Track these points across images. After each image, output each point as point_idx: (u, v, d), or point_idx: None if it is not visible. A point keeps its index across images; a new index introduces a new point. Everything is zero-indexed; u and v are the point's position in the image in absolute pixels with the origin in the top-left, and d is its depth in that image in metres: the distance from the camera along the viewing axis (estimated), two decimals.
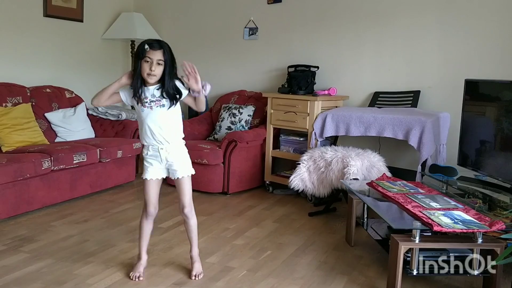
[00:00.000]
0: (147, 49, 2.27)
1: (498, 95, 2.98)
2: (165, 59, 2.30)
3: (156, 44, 2.29)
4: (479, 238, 2.31)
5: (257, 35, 4.85)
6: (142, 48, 2.29)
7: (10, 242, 2.98)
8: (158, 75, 2.30)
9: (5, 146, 3.75)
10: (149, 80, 2.31)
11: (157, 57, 2.27)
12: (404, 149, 4.02)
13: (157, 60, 2.27)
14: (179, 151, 2.48)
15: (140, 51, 2.30)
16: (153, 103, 2.35)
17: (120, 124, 4.65)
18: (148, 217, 2.55)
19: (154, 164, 2.45)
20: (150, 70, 2.27)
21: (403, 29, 4.10)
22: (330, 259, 2.89)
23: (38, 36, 4.59)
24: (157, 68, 2.28)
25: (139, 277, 2.51)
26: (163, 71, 2.31)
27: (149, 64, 2.27)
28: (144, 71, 2.29)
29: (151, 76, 2.29)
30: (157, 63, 2.28)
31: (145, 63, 2.28)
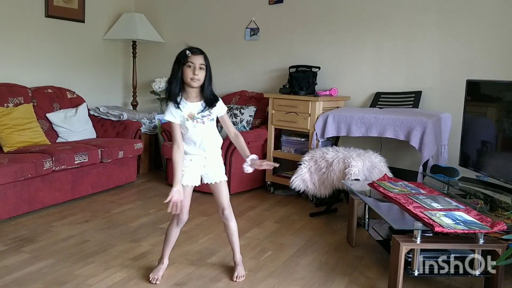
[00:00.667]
0: (188, 54, 2.30)
1: (500, 95, 2.97)
2: (206, 64, 2.33)
3: (197, 49, 2.33)
4: (480, 239, 2.31)
5: (258, 35, 4.85)
6: (183, 54, 2.31)
7: (11, 242, 2.98)
8: (202, 79, 2.32)
9: (7, 146, 3.75)
10: (192, 84, 2.32)
11: (199, 61, 2.30)
12: (405, 150, 4.01)
13: (199, 64, 2.30)
14: (218, 157, 2.51)
15: (181, 57, 2.32)
16: (205, 118, 2.38)
17: (122, 125, 4.65)
18: (179, 223, 2.52)
19: (193, 170, 2.45)
20: (193, 75, 2.29)
21: (404, 29, 4.09)
22: (331, 259, 2.89)
23: (40, 37, 4.60)
24: (200, 73, 2.30)
25: (157, 280, 2.51)
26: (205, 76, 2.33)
27: (192, 69, 2.29)
28: (187, 76, 2.31)
29: (195, 80, 2.31)
30: (199, 68, 2.30)
31: (188, 68, 2.30)
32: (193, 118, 2.37)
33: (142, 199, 4.08)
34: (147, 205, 3.89)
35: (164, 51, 5.48)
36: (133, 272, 2.61)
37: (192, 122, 2.37)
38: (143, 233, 3.22)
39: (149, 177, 4.85)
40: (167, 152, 4.40)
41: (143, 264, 2.72)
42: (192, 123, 2.37)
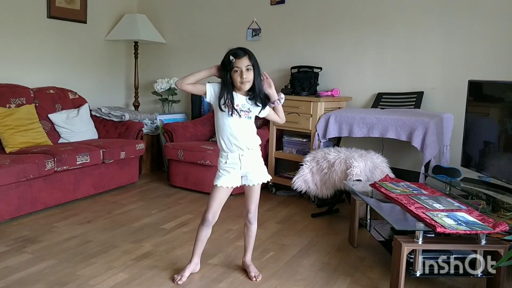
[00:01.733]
0: (232, 60, 2.28)
1: (502, 96, 2.97)
2: (252, 64, 2.30)
3: (240, 51, 2.30)
4: (482, 240, 2.30)
5: (260, 36, 4.85)
6: (227, 60, 2.29)
7: (13, 243, 2.99)
8: (251, 80, 2.30)
9: (9, 147, 3.76)
10: (243, 88, 2.30)
11: (244, 64, 2.28)
12: (407, 150, 4.01)
13: (245, 66, 2.28)
14: (258, 157, 2.48)
15: (226, 63, 2.30)
16: (242, 113, 2.35)
17: (123, 125, 4.65)
18: (205, 223, 2.49)
19: (231, 172, 2.42)
20: (241, 79, 2.27)
21: (406, 30, 4.09)
22: (333, 260, 2.89)
23: (42, 37, 4.61)
24: (248, 74, 2.28)
25: (179, 280, 2.49)
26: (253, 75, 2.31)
27: (239, 73, 2.28)
28: (236, 81, 2.29)
29: (245, 83, 2.29)
30: (246, 70, 2.28)
31: (235, 73, 2.29)
32: (232, 108, 2.32)
33: (144, 199, 4.08)
34: (149, 205, 3.90)
35: (166, 51, 5.49)
36: (135, 273, 2.61)
37: (229, 112, 2.33)
38: (145, 234, 3.23)
39: (151, 178, 4.85)
40: (169, 152, 4.40)
41: (145, 264, 2.72)
42: (228, 113, 2.33)
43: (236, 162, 2.40)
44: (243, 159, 2.40)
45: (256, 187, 2.48)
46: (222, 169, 2.43)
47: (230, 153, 2.39)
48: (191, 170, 4.29)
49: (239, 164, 2.40)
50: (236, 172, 2.42)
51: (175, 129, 4.60)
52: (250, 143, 2.41)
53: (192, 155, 4.21)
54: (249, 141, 2.41)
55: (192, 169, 4.27)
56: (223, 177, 2.42)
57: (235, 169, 2.41)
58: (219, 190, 2.43)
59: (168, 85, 5.17)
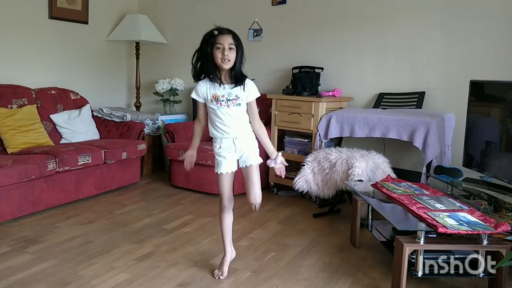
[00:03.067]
0: (216, 33, 2.25)
1: (504, 96, 2.96)
2: (236, 45, 2.28)
3: (224, 29, 2.28)
4: (484, 240, 2.30)
5: (261, 36, 4.85)
6: (210, 34, 2.26)
7: (14, 243, 2.99)
8: (232, 59, 2.28)
9: (10, 147, 3.76)
10: (224, 66, 2.28)
11: (228, 41, 2.26)
12: (408, 151, 4.01)
13: (228, 44, 2.25)
14: (251, 140, 2.47)
15: (208, 38, 2.27)
16: (230, 102, 2.35)
17: (125, 126, 4.66)
18: (224, 210, 2.54)
19: (227, 157, 2.44)
20: (223, 55, 2.25)
21: (407, 29, 4.09)
22: (334, 260, 2.88)
23: (43, 38, 4.61)
24: (230, 53, 2.26)
25: (220, 276, 2.53)
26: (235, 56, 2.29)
27: (221, 50, 2.25)
28: (217, 58, 2.26)
29: (225, 62, 2.26)
30: (229, 48, 2.26)
31: (217, 50, 2.26)
32: (218, 100, 2.34)
33: (146, 200, 4.08)
34: (150, 206, 3.90)
35: (167, 52, 5.50)
36: (136, 273, 2.61)
37: (216, 104, 2.34)
38: (146, 234, 3.23)
39: (152, 178, 4.85)
40: (170, 153, 4.40)
41: (146, 265, 2.73)
42: (215, 105, 2.35)
43: (231, 145, 2.42)
44: (237, 142, 2.42)
45: (254, 168, 2.46)
46: (218, 155, 2.45)
47: (223, 138, 2.41)
48: (192, 170, 4.22)
49: (234, 148, 2.42)
50: (232, 156, 2.44)
51: (176, 129, 4.60)
52: (243, 129, 2.42)
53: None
54: (242, 128, 2.42)
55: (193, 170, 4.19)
56: (222, 164, 2.43)
57: (230, 153, 2.43)
58: (224, 177, 2.45)
59: (170, 86, 5.18)
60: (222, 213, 2.55)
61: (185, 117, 5.37)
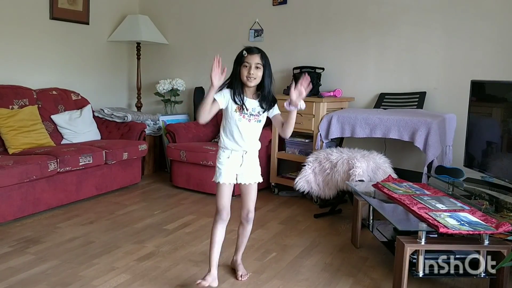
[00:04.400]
0: (245, 54, 2.31)
1: (505, 96, 2.96)
2: (263, 64, 2.32)
3: (254, 48, 2.34)
4: (485, 240, 2.29)
5: (262, 36, 4.85)
6: (240, 55, 2.33)
7: (16, 243, 2.99)
8: (258, 78, 2.32)
9: (12, 148, 3.77)
10: (248, 83, 2.32)
11: (255, 61, 2.30)
12: (410, 151, 4.00)
13: (255, 63, 2.30)
14: (255, 157, 2.49)
15: (238, 58, 2.34)
16: (252, 117, 2.37)
17: (126, 126, 4.66)
18: (221, 223, 2.45)
19: (230, 169, 2.42)
20: (248, 74, 2.29)
21: (408, 30, 4.08)
22: (335, 261, 2.88)
23: (44, 39, 4.62)
24: (255, 71, 2.30)
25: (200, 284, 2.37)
26: (262, 75, 2.33)
27: (248, 69, 2.30)
28: (243, 75, 2.31)
29: (250, 79, 2.31)
30: (255, 67, 2.30)
31: (244, 68, 2.31)
32: (242, 112, 2.35)
33: (147, 200, 4.08)
34: (151, 206, 3.90)
35: (168, 52, 5.50)
36: (137, 273, 2.61)
37: (239, 115, 2.35)
38: (147, 234, 3.23)
39: (153, 179, 4.85)
40: (171, 153, 4.40)
41: (147, 265, 2.73)
42: (238, 116, 2.35)
43: (238, 159, 2.41)
44: (246, 156, 2.42)
45: (254, 186, 2.49)
46: (222, 164, 2.42)
47: (234, 150, 2.41)
48: (193, 170, 4.29)
49: (241, 162, 2.41)
50: (234, 169, 2.43)
51: (177, 130, 4.60)
52: (254, 146, 2.45)
53: (194, 155, 4.21)
54: (254, 144, 2.44)
55: (194, 170, 4.27)
56: (223, 174, 2.41)
57: (234, 166, 2.42)
58: (223, 187, 2.43)
59: (171, 86, 5.18)
60: (218, 225, 2.45)
61: (186, 118, 5.37)
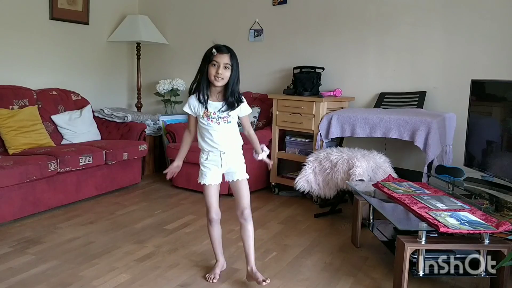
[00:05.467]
0: (214, 53, 2.30)
1: (505, 95, 2.96)
2: (231, 64, 2.32)
3: (223, 48, 2.32)
4: (486, 239, 2.29)
5: (262, 36, 4.85)
6: (209, 52, 2.32)
7: (16, 244, 2.99)
8: (226, 78, 2.32)
9: (12, 148, 3.77)
10: (215, 83, 2.32)
11: (224, 60, 2.29)
12: (410, 150, 4.00)
13: (224, 63, 2.29)
14: (238, 155, 2.50)
15: (207, 55, 2.32)
16: (220, 119, 2.38)
17: (126, 126, 4.66)
18: (212, 223, 2.53)
19: (212, 169, 2.45)
20: (216, 73, 2.29)
21: (408, 29, 4.08)
22: (335, 260, 2.88)
23: (44, 39, 4.61)
24: (224, 71, 2.30)
25: (213, 279, 2.53)
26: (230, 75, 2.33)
27: (216, 68, 2.29)
28: (210, 74, 2.31)
29: (218, 79, 2.30)
30: (224, 67, 2.30)
31: (212, 67, 2.30)
32: (209, 117, 2.36)
33: (147, 200, 4.08)
34: (151, 206, 3.90)
35: (168, 52, 5.50)
36: (137, 274, 2.61)
37: (207, 120, 2.37)
38: (147, 235, 3.23)
39: (153, 179, 4.85)
40: (171, 153, 4.40)
41: (147, 265, 2.73)
42: (206, 121, 2.37)
43: (217, 159, 2.43)
44: (224, 157, 2.43)
45: (243, 182, 2.49)
46: (203, 165, 2.46)
47: (211, 152, 2.43)
48: (193, 171, 4.25)
49: (220, 162, 2.43)
50: (216, 169, 2.45)
51: (177, 130, 4.60)
52: (232, 145, 2.45)
53: (194, 155, 4.12)
54: (231, 144, 2.44)
55: (194, 170, 4.19)
56: (207, 175, 2.45)
57: (216, 166, 2.44)
58: (209, 188, 2.46)
59: (171, 86, 5.18)
60: (211, 226, 2.54)
61: (186, 118, 5.36)
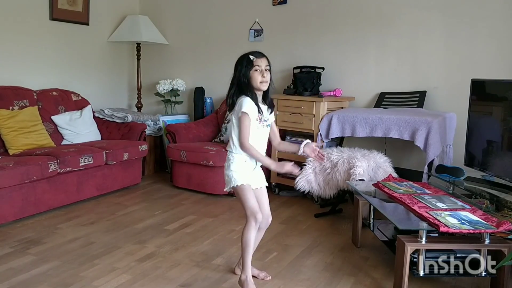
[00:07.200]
0: (253, 58, 2.32)
1: (505, 94, 2.96)
2: (269, 66, 2.36)
3: (259, 53, 2.36)
4: (486, 239, 2.29)
5: (262, 36, 4.85)
6: (247, 59, 2.33)
7: (17, 244, 2.99)
8: (269, 81, 2.35)
9: (12, 149, 3.77)
10: (262, 87, 2.34)
11: (264, 63, 2.33)
12: (410, 150, 4.00)
13: (265, 66, 2.33)
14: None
15: (246, 63, 2.33)
16: (265, 122, 2.41)
17: (126, 127, 4.66)
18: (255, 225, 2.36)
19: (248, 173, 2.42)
20: (262, 78, 2.31)
21: (408, 29, 4.08)
22: (336, 260, 2.88)
23: (45, 40, 4.62)
24: (267, 75, 2.33)
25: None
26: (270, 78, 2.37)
27: (260, 72, 2.31)
28: (256, 80, 2.32)
29: (264, 83, 2.33)
30: (265, 69, 2.33)
31: (256, 72, 2.32)
32: (261, 120, 2.38)
33: (147, 201, 4.08)
34: (152, 206, 3.90)
35: (168, 53, 5.50)
36: (138, 274, 2.61)
37: (259, 123, 2.38)
38: (148, 235, 3.23)
39: (154, 179, 4.85)
40: (172, 153, 4.40)
41: (148, 265, 2.73)
42: (258, 124, 2.38)
43: (253, 164, 2.44)
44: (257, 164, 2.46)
45: (265, 189, 2.52)
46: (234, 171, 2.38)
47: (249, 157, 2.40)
48: (194, 171, 4.29)
49: (254, 166, 2.45)
50: (248, 174, 2.43)
51: (178, 130, 4.60)
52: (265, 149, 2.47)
53: (195, 156, 4.21)
54: (265, 147, 2.46)
55: (195, 170, 4.27)
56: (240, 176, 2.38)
57: (248, 171, 2.43)
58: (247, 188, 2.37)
59: (171, 86, 5.18)
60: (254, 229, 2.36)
61: (186, 118, 5.37)
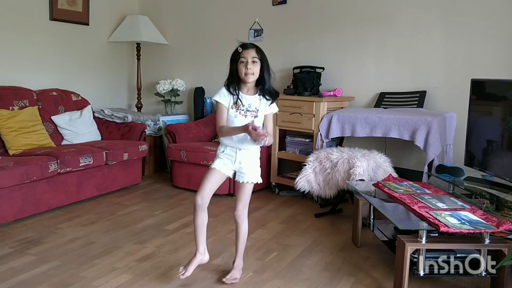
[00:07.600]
0: (239, 50, 2.31)
1: (505, 94, 2.96)
2: (259, 58, 2.32)
3: (248, 44, 2.34)
4: (486, 239, 2.29)
5: (262, 36, 4.85)
6: (235, 52, 2.33)
7: (17, 244, 2.99)
8: (256, 73, 2.32)
9: (12, 149, 3.77)
10: (247, 79, 2.32)
11: (251, 55, 2.30)
12: (410, 150, 4.00)
13: (251, 58, 2.30)
14: (253, 157, 2.47)
15: (234, 55, 2.33)
16: (248, 112, 2.37)
17: (126, 127, 4.66)
18: (196, 207, 2.42)
19: (225, 161, 2.43)
20: (246, 69, 2.29)
21: (408, 29, 4.08)
22: (336, 260, 2.88)
23: (44, 40, 4.62)
24: (253, 66, 2.30)
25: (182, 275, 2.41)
26: (260, 70, 2.33)
27: (244, 64, 2.30)
28: (241, 72, 2.31)
29: (248, 75, 2.30)
30: (252, 61, 2.30)
31: (241, 64, 2.31)
32: (238, 108, 2.36)
33: (147, 200, 4.08)
34: (152, 206, 3.90)
35: (168, 53, 5.50)
36: (138, 274, 2.61)
37: (235, 111, 2.36)
38: (148, 235, 3.23)
39: (154, 179, 4.85)
40: (171, 153, 4.40)
41: (148, 265, 2.73)
42: (234, 112, 2.36)
43: (232, 154, 2.42)
44: (239, 154, 2.42)
45: (247, 186, 2.46)
46: (218, 156, 2.45)
47: (229, 146, 2.43)
48: (194, 171, 4.29)
49: (234, 158, 2.42)
50: (230, 163, 2.44)
51: (177, 130, 4.60)
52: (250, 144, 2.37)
53: (195, 156, 4.21)
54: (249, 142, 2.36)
55: (195, 170, 4.27)
56: (218, 161, 2.43)
57: (230, 160, 2.43)
58: (213, 172, 2.43)
59: (171, 86, 5.18)
60: (194, 211, 2.44)
61: (186, 118, 5.37)
